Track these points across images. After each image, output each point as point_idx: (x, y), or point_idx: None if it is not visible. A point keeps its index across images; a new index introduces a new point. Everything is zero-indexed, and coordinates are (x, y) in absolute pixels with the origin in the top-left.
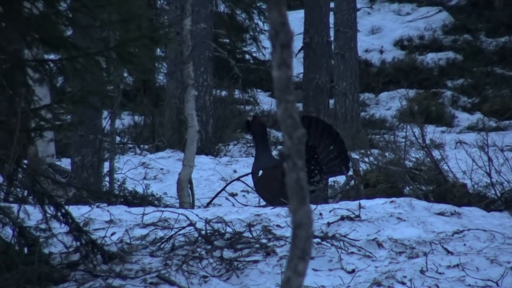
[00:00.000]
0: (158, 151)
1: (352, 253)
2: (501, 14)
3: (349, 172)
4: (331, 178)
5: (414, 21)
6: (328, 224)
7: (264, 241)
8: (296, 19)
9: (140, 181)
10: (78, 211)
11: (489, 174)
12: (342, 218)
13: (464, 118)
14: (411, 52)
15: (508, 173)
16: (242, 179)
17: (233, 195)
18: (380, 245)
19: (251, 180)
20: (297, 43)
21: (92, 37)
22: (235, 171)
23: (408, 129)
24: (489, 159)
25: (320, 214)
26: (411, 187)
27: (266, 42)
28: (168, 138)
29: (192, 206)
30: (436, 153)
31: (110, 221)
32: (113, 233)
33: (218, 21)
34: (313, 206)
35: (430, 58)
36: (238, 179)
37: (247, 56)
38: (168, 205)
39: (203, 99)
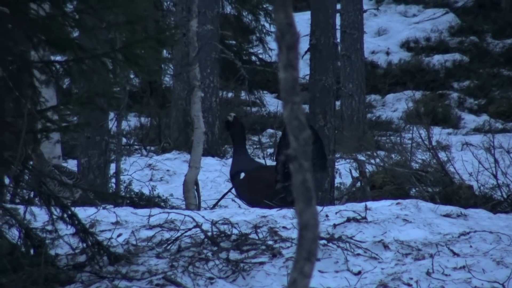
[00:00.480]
0: (164, 153)
1: (358, 255)
2: (508, 16)
3: (326, 172)
4: (337, 180)
5: (421, 23)
6: (334, 226)
7: (270, 243)
8: (303, 21)
9: (146, 183)
10: (85, 213)
11: (496, 176)
12: (348, 220)
13: (471, 120)
14: (418, 54)
15: None
16: None
17: None
18: (386, 247)
19: None
20: (304, 45)
21: (98, 39)
22: None
23: (415, 131)
24: (496, 161)
25: (326, 216)
26: (417, 189)
27: (273, 44)
28: (174, 140)
29: (198, 208)
30: (443, 155)
31: (116, 223)
32: (119, 235)
33: (225, 23)
34: (319, 208)
35: (437, 60)
36: None
37: (254, 58)
38: (174, 207)
39: (210, 101)
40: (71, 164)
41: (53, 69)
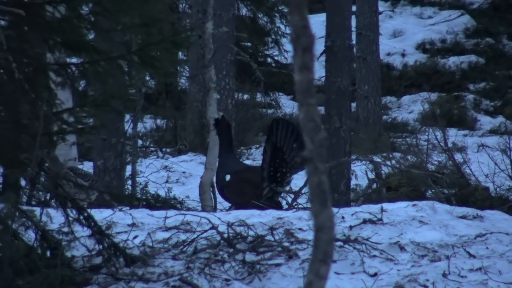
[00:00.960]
0: (180, 155)
1: (374, 257)
2: None
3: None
4: (353, 181)
5: (436, 25)
6: (350, 228)
7: (286, 244)
8: (318, 23)
9: (162, 185)
10: (101, 215)
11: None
12: (364, 221)
13: (486, 122)
14: (433, 56)
15: None
16: None
17: None
18: (403, 249)
19: None
20: (319, 47)
21: (114, 41)
22: None
23: (430, 133)
24: None
25: (342, 218)
26: (433, 191)
27: (288, 46)
28: (190, 142)
29: (214, 209)
30: (458, 157)
31: (133, 224)
32: (136, 236)
33: (240, 25)
34: (335, 210)
35: (452, 62)
36: None
37: (269, 60)
38: (190, 209)
39: (225, 103)
40: (87, 166)
41: (69, 71)
